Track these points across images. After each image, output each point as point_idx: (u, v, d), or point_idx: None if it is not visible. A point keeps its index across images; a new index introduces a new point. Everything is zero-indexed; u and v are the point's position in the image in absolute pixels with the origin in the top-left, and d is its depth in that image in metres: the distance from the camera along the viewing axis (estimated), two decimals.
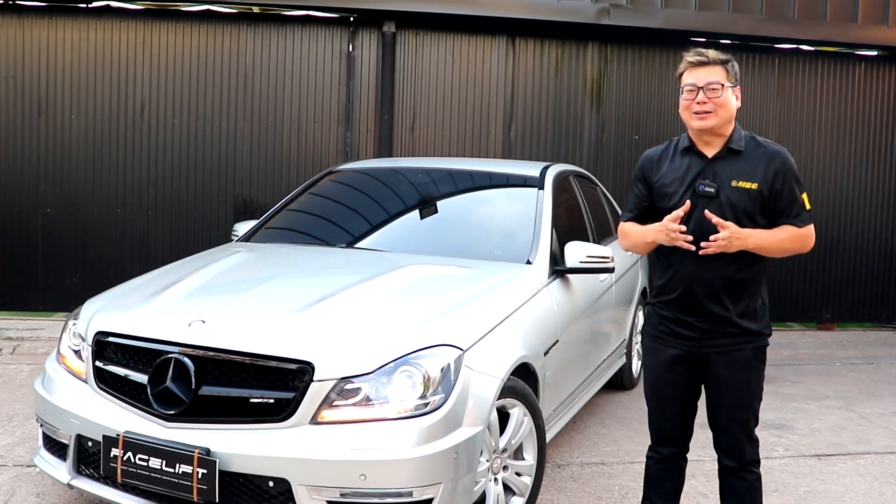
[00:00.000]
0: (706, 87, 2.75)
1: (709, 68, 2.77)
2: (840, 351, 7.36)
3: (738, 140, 2.82)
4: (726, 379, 2.83)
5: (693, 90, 2.77)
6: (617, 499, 3.79)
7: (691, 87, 2.78)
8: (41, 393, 3.33)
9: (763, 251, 2.76)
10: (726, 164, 2.79)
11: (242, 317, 3.12)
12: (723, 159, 2.80)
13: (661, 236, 2.79)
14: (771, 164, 2.77)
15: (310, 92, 7.39)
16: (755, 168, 2.77)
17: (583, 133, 7.80)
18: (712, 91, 2.74)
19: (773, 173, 2.76)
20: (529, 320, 3.53)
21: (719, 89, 2.75)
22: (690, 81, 2.78)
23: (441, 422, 2.80)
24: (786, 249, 2.81)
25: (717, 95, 2.74)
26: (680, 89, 2.84)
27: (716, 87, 2.75)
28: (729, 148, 2.80)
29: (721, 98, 2.75)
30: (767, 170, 2.76)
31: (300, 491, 2.72)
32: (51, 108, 7.14)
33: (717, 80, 2.75)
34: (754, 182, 2.75)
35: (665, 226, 2.76)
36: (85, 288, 7.07)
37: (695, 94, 2.76)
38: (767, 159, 2.78)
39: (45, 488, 3.65)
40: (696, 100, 2.76)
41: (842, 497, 3.93)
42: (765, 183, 2.75)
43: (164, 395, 2.90)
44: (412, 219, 4.47)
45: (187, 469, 2.77)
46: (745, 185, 2.75)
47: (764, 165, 2.77)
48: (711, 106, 2.74)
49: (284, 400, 2.80)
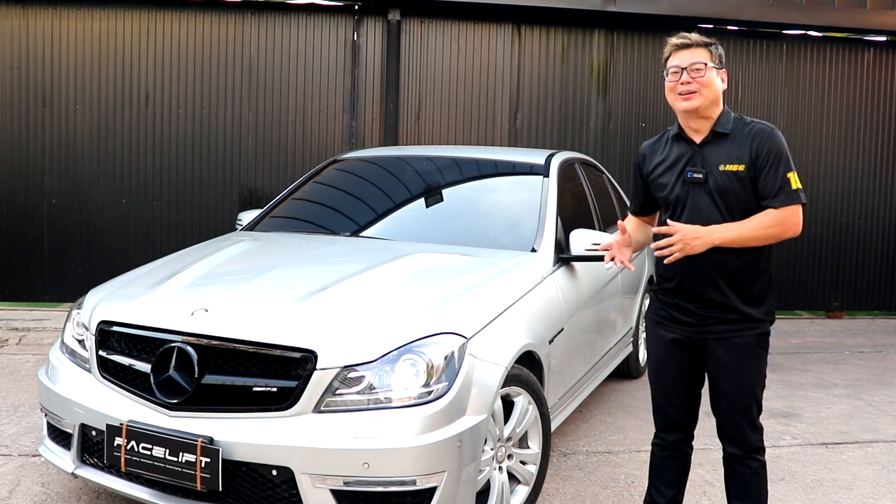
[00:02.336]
0: (690, 68, 2.73)
1: (692, 50, 2.76)
2: (849, 339, 7.32)
3: (725, 123, 2.77)
4: (726, 365, 2.80)
5: (677, 72, 2.76)
6: (623, 487, 3.78)
7: (675, 69, 2.76)
8: (45, 382, 3.33)
9: (733, 243, 2.66)
10: (714, 149, 2.75)
11: (245, 305, 3.11)
12: (710, 144, 2.76)
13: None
14: (754, 143, 2.71)
15: (314, 81, 7.36)
16: (741, 149, 2.72)
17: (589, 121, 7.76)
18: (696, 71, 2.73)
19: (756, 151, 2.70)
20: (534, 308, 3.51)
21: (703, 69, 2.73)
22: (674, 64, 2.77)
23: (445, 410, 2.78)
24: (763, 237, 2.68)
25: (701, 75, 2.72)
26: (664, 73, 2.83)
27: (699, 66, 2.73)
28: (714, 132, 2.76)
29: (705, 78, 2.72)
30: (751, 149, 2.70)
31: (303, 479, 2.71)
32: (55, 98, 7.13)
33: (700, 59, 2.74)
34: (740, 164, 2.70)
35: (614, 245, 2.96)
36: (90, 278, 7.10)
37: (679, 76, 2.75)
38: (752, 138, 2.72)
39: (49, 478, 3.66)
40: (679, 80, 2.74)
41: (849, 485, 3.91)
42: (749, 163, 2.70)
43: (168, 384, 2.89)
44: (417, 207, 4.44)
45: (191, 458, 2.76)
46: (732, 168, 2.71)
47: (748, 145, 2.72)
48: (696, 86, 2.72)
49: (287, 388, 2.78)
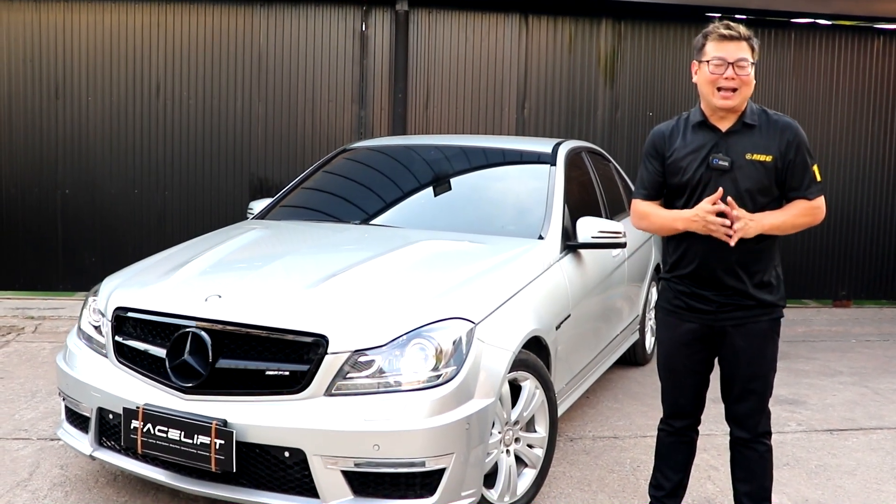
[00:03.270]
0: (736, 64, 2.70)
1: (738, 43, 2.72)
2: (855, 328, 7.34)
3: (752, 114, 2.80)
4: (743, 351, 2.84)
5: (722, 64, 2.70)
6: (629, 471, 3.84)
7: (719, 62, 2.71)
8: (63, 367, 3.41)
9: (778, 230, 2.77)
10: (740, 138, 2.77)
11: (258, 291, 3.17)
12: (737, 133, 2.78)
13: (696, 225, 2.72)
14: (784, 136, 2.76)
15: (324, 71, 7.41)
16: (769, 141, 2.76)
17: (596, 110, 7.78)
18: (741, 68, 2.70)
19: (786, 145, 2.75)
20: (541, 294, 3.56)
21: (746, 66, 2.71)
22: (719, 55, 2.71)
23: (453, 393, 2.84)
24: (799, 224, 2.81)
25: (746, 73, 2.71)
26: (700, 60, 2.77)
27: (744, 64, 2.70)
28: (743, 122, 2.78)
29: (748, 76, 2.71)
30: (781, 142, 2.76)
31: (315, 461, 2.78)
32: (68, 90, 7.21)
33: (746, 56, 2.71)
34: (769, 155, 2.75)
35: (702, 216, 2.70)
36: (103, 267, 7.16)
37: (723, 69, 2.70)
38: (780, 131, 2.77)
39: (68, 460, 3.74)
40: (724, 75, 2.70)
41: (853, 471, 3.96)
42: (779, 155, 2.75)
43: (182, 368, 2.96)
44: (426, 195, 4.50)
45: (205, 440, 2.83)
46: (760, 157, 2.74)
47: (777, 138, 2.76)
48: (738, 83, 2.70)
49: (299, 372, 2.85)
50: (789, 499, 3.59)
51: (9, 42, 7.12)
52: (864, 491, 3.72)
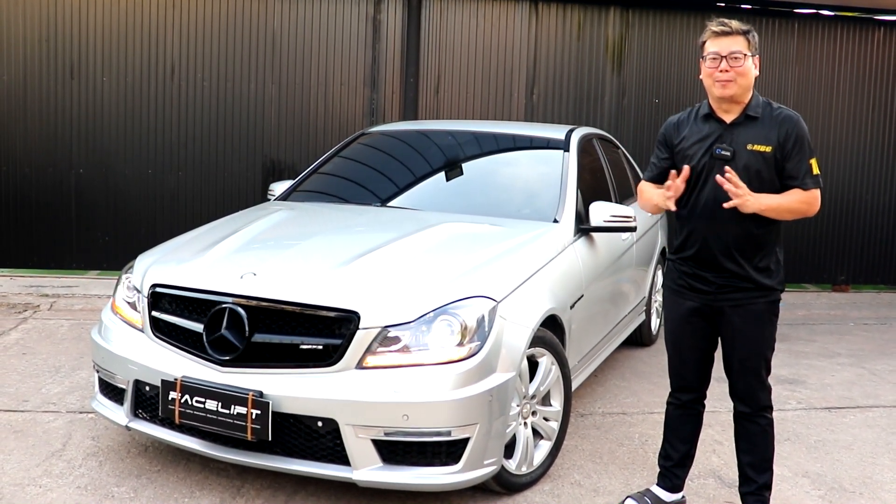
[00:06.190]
0: (729, 57, 2.89)
1: (732, 38, 2.91)
2: (854, 311, 7.51)
3: (756, 107, 2.97)
4: (740, 330, 3.02)
5: (716, 59, 2.91)
6: (637, 445, 4.00)
7: (714, 56, 2.92)
8: (98, 341, 3.52)
9: (773, 213, 2.91)
10: (743, 130, 2.95)
11: (291, 269, 3.31)
12: (740, 125, 2.96)
13: (661, 199, 2.98)
14: (783, 127, 2.93)
15: (336, 55, 7.50)
16: (769, 132, 2.93)
17: (604, 97, 7.90)
18: (734, 60, 2.89)
19: (784, 136, 2.91)
20: (557, 275, 3.72)
21: (741, 59, 2.90)
22: (714, 50, 2.92)
23: (477, 367, 2.99)
24: (794, 211, 2.95)
25: (739, 64, 2.89)
26: (702, 57, 2.98)
27: (738, 56, 2.89)
28: (746, 115, 2.96)
29: (742, 67, 2.90)
30: (780, 133, 2.92)
31: (347, 430, 2.92)
32: (83, 71, 7.29)
33: (740, 49, 2.90)
34: (768, 145, 2.91)
35: (661, 194, 2.97)
36: (116, 246, 7.33)
37: (718, 63, 2.91)
38: (780, 123, 2.94)
39: (98, 432, 3.86)
40: (719, 68, 2.90)
41: (850, 446, 4.13)
42: (777, 145, 2.91)
43: (219, 342, 3.08)
44: (444, 180, 4.63)
45: (242, 410, 2.96)
46: (760, 148, 2.91)
47: (777, 129, 2.93)
48: (733, 74, 2.89)
49: (332, 346, 2.99)
50: (790, 471, 3.77)
51: (25, 22, 7.19)
52: (860, 464, 3.90)
